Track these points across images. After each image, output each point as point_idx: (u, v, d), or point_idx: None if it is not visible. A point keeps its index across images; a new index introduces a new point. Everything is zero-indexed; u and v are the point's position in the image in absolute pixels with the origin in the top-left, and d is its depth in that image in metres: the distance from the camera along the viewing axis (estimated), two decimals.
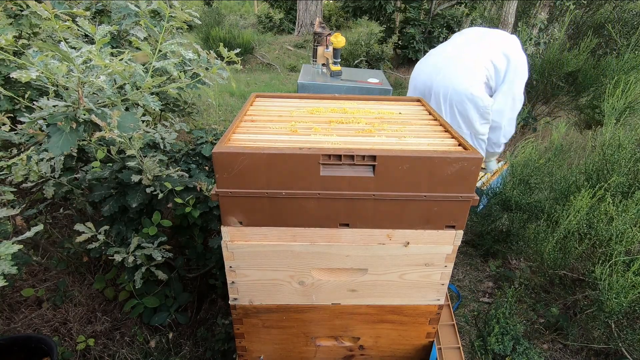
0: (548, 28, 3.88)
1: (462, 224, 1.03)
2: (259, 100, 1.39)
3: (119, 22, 1.80)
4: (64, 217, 2.14)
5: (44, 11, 1.03)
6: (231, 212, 0.99)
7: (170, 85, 1.34)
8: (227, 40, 6.85)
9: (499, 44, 2.38)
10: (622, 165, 1.85)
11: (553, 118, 4.17)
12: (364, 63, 6.11)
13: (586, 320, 1.82)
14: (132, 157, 1.59)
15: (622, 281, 1.50)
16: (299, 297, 1.14)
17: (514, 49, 2.38)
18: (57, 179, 1.58)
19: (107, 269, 1.98)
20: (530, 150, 2.31)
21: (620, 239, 1.62)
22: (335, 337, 1.26)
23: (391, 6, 6.59)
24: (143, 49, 1.19)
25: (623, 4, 3.78)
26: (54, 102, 1.09)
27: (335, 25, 9.57)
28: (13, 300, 1.84)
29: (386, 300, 1.16)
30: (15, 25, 1.59)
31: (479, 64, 2.32)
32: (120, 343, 1.74)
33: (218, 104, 4.62)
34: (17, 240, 1.05)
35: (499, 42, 2.40)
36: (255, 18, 10.34)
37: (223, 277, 1.53)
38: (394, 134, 1.10)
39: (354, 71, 3.41)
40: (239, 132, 1.06)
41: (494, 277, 2.36)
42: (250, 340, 1.25)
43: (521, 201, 2.21)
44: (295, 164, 0.91)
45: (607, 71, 3.26)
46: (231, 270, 1.08)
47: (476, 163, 0.93)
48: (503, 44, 2.39)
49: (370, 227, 1.02)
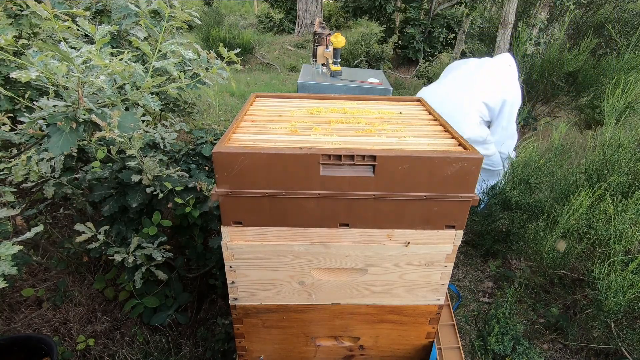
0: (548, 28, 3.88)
1: (462, 224, 1.03)
2: (259, 100, 1.39)
3: (119, 22, 1.80)
4: (64, 217, 2.14)
5: (43, 11, 1.03)
6: (231, 212, 0.99)
7: (170, 85, 1.34)
8: (227, 40, 6.85)
9: (491, 83, 2.48)
10: (622, 165, 1.85)
11: (553, 118, 4.16)
12: (364, 63, 6.11)
13: (586, 320, 1.82)
14: (132, 157, 1.59)
15: (620, 280, 1.50)
16: (299, 297, 1.14)
17: (507, 84, 2.48)
18: (57, 179, 1.58)
19: (107, 269, 1.98)
20: (531, 150, 2.31)
21: (619, 238, 1.62)
22: (335, 337, 1.26)
23: (391, 6, 6.59)
24: (143, 49, 1.19)
25: (623, 4, 3.78)
26: (54, 102, 1.09)
27: (335, 25, 9.57)
28: (13, 300, 1.84)
29: (386, 300, 1.16)
30: (15, 25, 1.58)
31: (472, 108, 2.45)
32: (120, 343, 1.74)
33: (218, 104, 4.62)
34: (17, 241, 1.05)
35: (491, 80, 2.49)
36: (255, 18, 10.34)
37: (223, 277, 1.53)
38: (394, 134, 1.10)
39: (354, 71, 3.41)
40: (239, 132, 1.06)
41: (494, 277, 2.36)
42: (250, 340, 1.25)
43: (521, 201, 2.21)
44: (295, 164, 0.91)
45: (607, 71, 3.26)
46: (231, 270, 1.08)
47: (476, 163, 0.93)
48: (495, 82, 2.48)
49: (370, 227, 1.02)
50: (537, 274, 2.20)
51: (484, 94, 2.46)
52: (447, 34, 6.69)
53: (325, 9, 9.62)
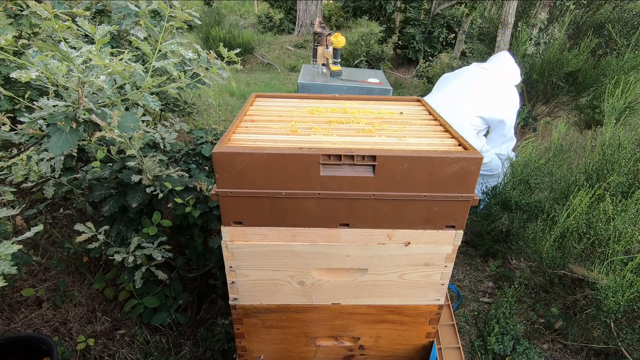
0: (548, 28, 3.88)
1: (462, 224, 1.03)
2: (259, 100, 1.39)
3: (119, 22, 1.80)
4: (64, 217, 2.14)
5: (44, 11, 1.03)
6: (231, 212, 0.99)
7: (170, 85, 1.34)
8: (227, 40, 6.85)
9: (486, 95, 2.48)
10: (622, 165, 1.85)
11: (553, 118, 4.17)
12: (364, 63, 6.11)
13: (586, 320, 1.83)
14: (132, 157, 1.59)
15: (619, 280, 1.50)
16: (299, 297, 1.14)
17: (502, 99, 2.48)
18: (57, 179, 1.58)
19: (107, 269, 1.98)
20: (530, 150, 2.31)
21: (619, 238, 1.62)
22: (335, 337, 1.26)
23: (391, 6, 6.60)
24: (143, 49, 1.19)
25: (623, 4, 3.78)
26: (54, 102, 1.09)
27: (335, 25, 9.57)
28: (13, 300, 1.84)
29: (386, 300, 1.16)
30: (15, 25, 1.58)
31: (467, 123, 2.46)
32: (120, 343, 1.74)
33: (218, 104, 4.62)
34: (17, 241, 1.05)
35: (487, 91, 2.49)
36: (255, 18, 10.34)
37: (223, 277, 1.53)
38: (394, 134, 1.10)
39: (354, 71, 3.41)
40: (239, 132, 1.06)
41: (494, 277, 2.36)
42: (250, 340, 1.25)
43: (521, 201, 2.21)
44: (295, 164, 0.91)
45: (607, 71, 3.26)
46: (231, 270, 1.08)
47: (476, 163, 0.93)
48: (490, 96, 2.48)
49: (370, 227, 1.02)
50: (537, 273, 2.20)
51: (478, 109, 2.46)
52: (447, 34, 6.69)
53: (325, 9, 9.62)
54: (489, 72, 2.58)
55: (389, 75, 6.37)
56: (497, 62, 2.63)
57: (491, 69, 2.59)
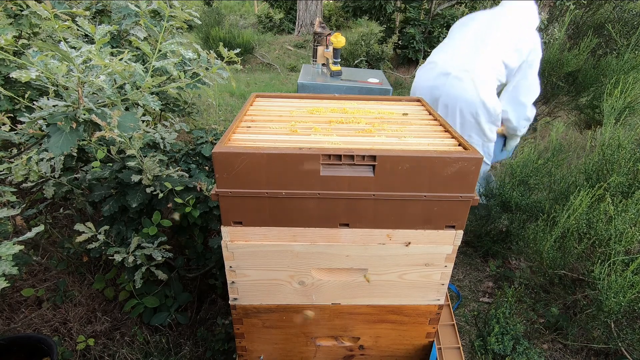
0: (548, 28, 3.88)
1: (462, 224, 1.03)
2: (259, 100, 1.39)
3: (119, 22, 1.80)
4: (64, 217, 2.14)
5: (44, 11, 1.03)
6: (231, 212, 0.99)
7: (170, 85, 1.34)
8: (227, 40, 6.85)
9: (510, 39, 2.21)
10: (622, 165, 1.85)
11: (553, 118, 4.16)
12: (364, 63, 6.11)
13: (586, 320, 1.82)
14: (132, 157, 1.59)
15: (620, 280, 1.50)
16: (299, 297, 1.14)
17: (527, 39, 2.20)
18: (57, 179, 1.58)
19: (107, 269, 1.98)
20: (529, 150, 2.31)
21: (619, 238, 1.62)
22: (335, 337, 1.26)
23: (391, 6, 6.59)
24: (143, 49, 1.19)
25: (623, 4, 3.78)
26: (54, 102, 1.09)
27: (335, 25, 9.57)
28: (13, 300, 1.84)
29: (386, 300, 1.16)
30: (15, 25, 1.58)
31: (490, 70, 2.19)
32: (120, 343, 1.74)
33: (218, 104, 4.62)
34: (17, 241, 1.05)
35: (510, 35, 2.22)
36: (255, 18, 10.34)
37: (223, 277, 1.53)
38: (394, 134, 1.10)
39: (354, 71, 3.41)
40: (239, 132, 1.06)
41: (494, 277, 2.36)
42: (250, 340, 1.25)
43: (521, 202, 2.21)
44: (295, 164, 0.91)
45: (607, 71, 3.26)
46: (231, 270, 1.08)
47: (476, 163, 0.93)
48: (515, 37, 2.21)
49: (370, 227, 1.02)
50: (537, 274, 2.20)
51: (502, 50, 2.18)
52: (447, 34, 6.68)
53: (325, 9, 9.62)
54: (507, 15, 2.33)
55: (389, 75, 6.37)
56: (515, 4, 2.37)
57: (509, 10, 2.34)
